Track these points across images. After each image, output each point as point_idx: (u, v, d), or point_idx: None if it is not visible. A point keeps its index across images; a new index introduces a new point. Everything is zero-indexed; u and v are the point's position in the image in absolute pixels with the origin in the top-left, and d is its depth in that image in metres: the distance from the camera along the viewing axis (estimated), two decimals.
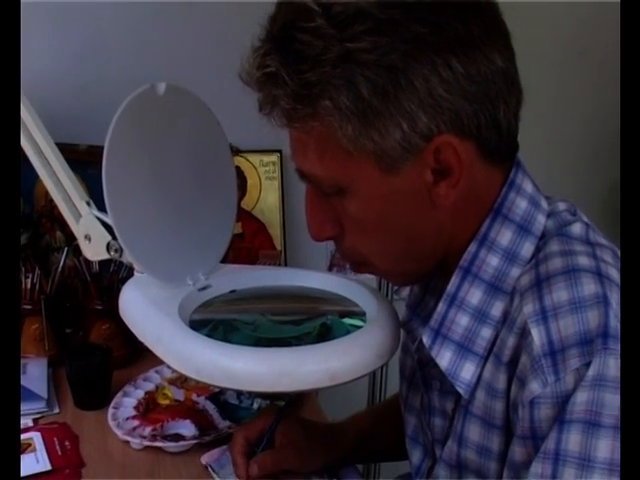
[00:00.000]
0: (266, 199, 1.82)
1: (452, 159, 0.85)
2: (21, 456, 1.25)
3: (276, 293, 1.12)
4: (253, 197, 1.81)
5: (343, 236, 0.93)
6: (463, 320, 0.92)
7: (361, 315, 1.03)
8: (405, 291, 1.13)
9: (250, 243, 1.79)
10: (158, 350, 0.97)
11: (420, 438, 1.12)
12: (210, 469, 1.24)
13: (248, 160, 1.79)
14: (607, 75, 1.89)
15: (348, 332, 0.99)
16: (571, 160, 2.12)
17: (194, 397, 1.41)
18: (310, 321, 1.05)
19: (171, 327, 0.97)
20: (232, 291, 1.10)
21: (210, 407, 1.38)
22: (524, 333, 0.84)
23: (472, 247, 0.92)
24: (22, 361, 1.51)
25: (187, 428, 1.33)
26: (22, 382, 1.44)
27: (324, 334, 1.01)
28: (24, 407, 1.39)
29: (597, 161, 2.12)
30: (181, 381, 1.45)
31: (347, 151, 0.84)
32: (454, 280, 0.93)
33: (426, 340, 0.94)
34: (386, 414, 1.31)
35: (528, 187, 0.93)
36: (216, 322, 1.03)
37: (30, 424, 1.36)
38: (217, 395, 1.40)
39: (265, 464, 1.17)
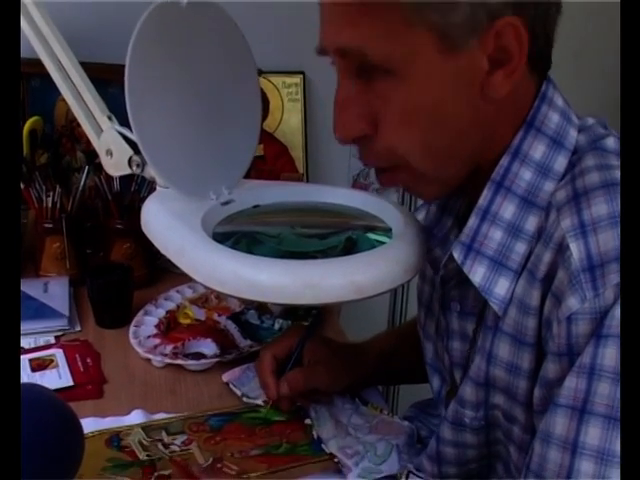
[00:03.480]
0: (288, 121, 1.79)
1: (514, 43, 0.81)
2: (43, 372, 1.26)
3: (300, 208, 1.10)
4: (275, 119, 1.79)
5: (375, 136, 0.88)
6: (496, 235, 0.89)
7: (387, 231, 1.01)
8: (420, 214, 1.11)
9: (272, 165, 1.77)
10: (181, 263, 0.96)
11: (437, 364, 1.12)
12: (231, 385, 1.25)
13: (270, 81, 1.77)
14: (604, 77, 1.85)
15: (374, 247, 0.97)
16: None
17: (215, 317, 1.41)
18: (335, 235, 1.03)
19: (194, 239, 0.96)
20: (255, 206, 1.09)
21: (231, 327, 1.38)
22: (561, 248, 0.82)
23: (504, 160, 0.89)
24: (43, 280, 1.53)
25: (208, 347, 1.33)
26: (43, 300, 1.45)
27: (349, 248, 0.99)
28: (46, 324, 1.40)
29: None
30: (202, 301, 1.45)
31: (408, 23, 0.80)
32: (486, 194, 0.90)
33: (457, 255, 0.91)
34: (407, 335, 1.30)
35: (559, 101, 0.91)
36: (239, 235, 1.01)
37: (52, 341, 1.37)
38: (238, 315, 1.41)
39: (296, 382, 1.17)
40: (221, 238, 0.98)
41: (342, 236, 1.02)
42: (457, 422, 0.99)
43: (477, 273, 0.90)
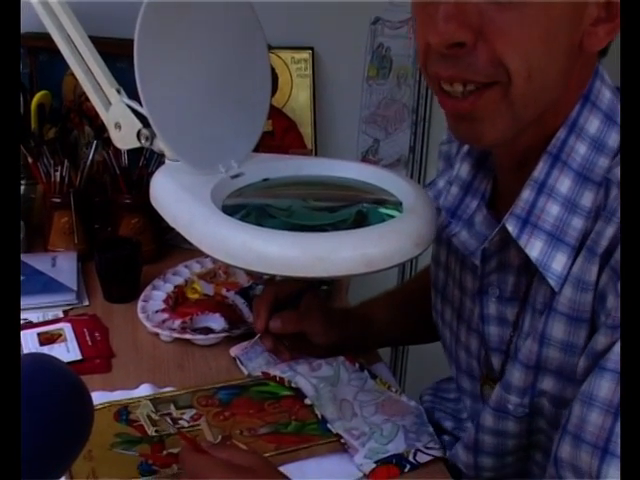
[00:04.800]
0: (297, 97, 1.78)
1: None
2: (52, 345, 1.27)
3: (311, 182, 1.09)
4: (284, 95, 1.78)
5: (476, 48, 0.81)
6: (554, 209, 0.88)
7: (397, 205, 1.01)
8: (430, 193, 1.10)
9: (280, 141, 1.77)
10: (191, 235, 0.95)
11: (453, 353, 1.12)
12: (238, 361, 1.25)
13: (279, 57, 1.76)
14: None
15: (384, 221, 0.97)
16: None
17: (223, 292, 1.41)
18: (346, 208, 1.02)
19: (204, 212, 0.95)
20: (265, 179, 1.08)
21: (240, 302, 1.38)
22: None
23: (561, 133, 0.88)
24: (51, 254, 1.53)
25: (216, 322, 1.33)
26: (51, 274, 1.45)
27: (360, 222, 0.99)
28: (54, 299, 1.40)
29: None
30: (211, 276, 1.45)
31: None
32: (542, 166, 0.89)
33: (512, 229, 0.90)
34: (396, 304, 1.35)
35: (608, 79, 0.90)
36: (249, 208, 1.00)
37: (60, 315, 1.37)
38: (247, 290, 1.40)
39: (289, 320, 1.20)
40: (230, 211, 0.97)
41: (352, 209, 1.02)
42: (500, 409, 0.97)
43: (534, 247, 0.89)
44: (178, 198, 1.00)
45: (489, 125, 0.87)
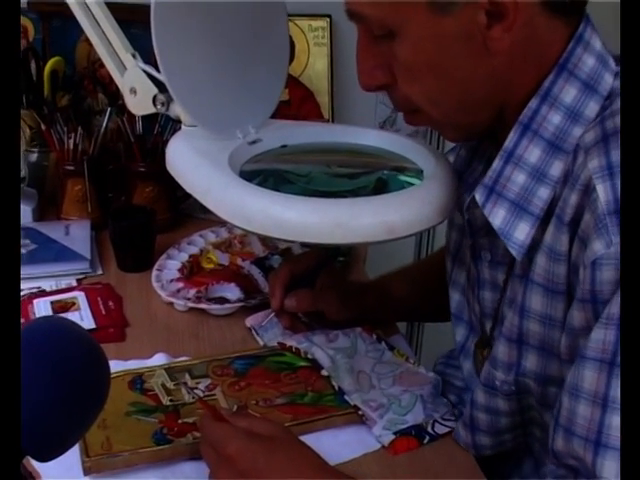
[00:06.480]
0: (314, 65, 1.76)
1: None
2: (66, 314, 1.26)
3: (329, 149, 1.08)
4: (301, 63, 1.75)
5: (394, 84, 0.89)
6: (519, 178, 0.87)
7: (418, 172, 0.99)
8: (450, 158, 1.08)
9: (297, 111, 1.74)
10: (208, 201, 0.94)
11: (465, 315, 1.10)
12: (254, 332, 1.23)
13: (296, 25, 1.73)
14: None
15: (404, 188, 0.95)
16: None
17: (239, 262, 1.39)
18: (366, 175, 1.01)
19: (221, 177, 0.94)
20: (283, 146, 1.06)
21: (255, 271, 1.36)
22: (588, 190, 0.79)
23: (533, 103, 0.86)
24: (65, 223, 1.52)
25: (232, 291, 1.32)
26: (65, 243, 1.44)
27: (380, 189, 0.97)
28: (67, 267, 1.39)
29: None
30: (226, 245, 1.43)
31: None
32: (512, 136, 0.87)
33: (479, 197, 0.89)
34: (415, 278, 1.33)
35: (597, 44, 0.87)
36: (267, 174, 0.99)
37: (74, 284, 1.36)
38: (262, 260, 1.39)
39: (305, 299, 1.19)
40: (248, 177, 0.96)
41: (373, 176, 1.00)
42: (489, 385, 0.97)
43: (497, 216, 0.88)
44: (195, 164, 0.98)
45: (444, 134, 0.98)
